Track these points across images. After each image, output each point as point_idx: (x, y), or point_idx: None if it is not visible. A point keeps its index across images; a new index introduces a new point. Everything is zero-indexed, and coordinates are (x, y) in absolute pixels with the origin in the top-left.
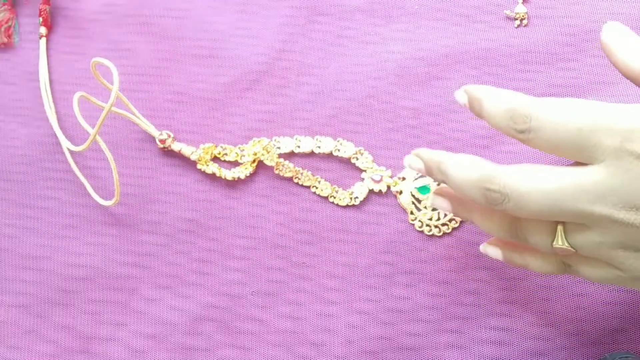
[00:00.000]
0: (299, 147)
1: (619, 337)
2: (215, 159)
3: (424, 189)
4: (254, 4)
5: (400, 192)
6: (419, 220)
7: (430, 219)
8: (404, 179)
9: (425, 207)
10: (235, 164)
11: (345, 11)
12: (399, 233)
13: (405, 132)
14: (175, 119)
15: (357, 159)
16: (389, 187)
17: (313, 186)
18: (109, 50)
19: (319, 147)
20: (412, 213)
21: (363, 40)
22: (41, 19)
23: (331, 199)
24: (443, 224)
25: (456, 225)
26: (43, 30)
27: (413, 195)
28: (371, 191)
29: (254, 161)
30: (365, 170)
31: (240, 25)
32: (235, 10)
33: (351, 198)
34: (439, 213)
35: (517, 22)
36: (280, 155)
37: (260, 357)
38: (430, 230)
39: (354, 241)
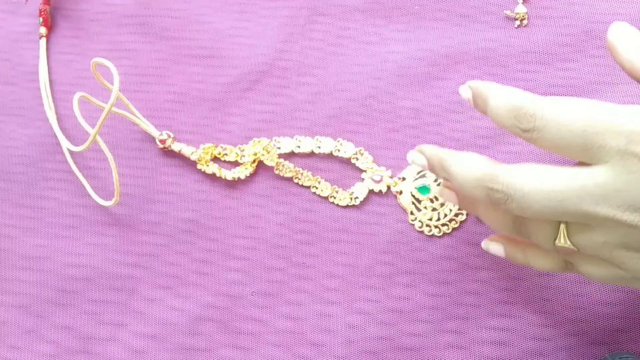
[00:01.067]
0: (299, 147)
1: (619, 337)
2: (215, 159)
3: (424, 189)
4: (253, 4)
5: (400, 192)
6: (419, 221)
7: (430, 219)
8: (404, 179)
9: (425, 207)
10: (235, 164)
11: (345, 11)
12: (399, 233)
13: (405, 132)
14: (175, 119)
15: (357, 159)
16: (389, 187)
17: (313, 186)
18: (109, 51)
19: (319, 147)
20: (412, 213)
21: (363, 40)
22: (41, 19)
23: (331, 199)
24: (443, 224)
25: (456, 225)
26: (43, 30)
27: (413, 196)
28: (371, 191)
29: (254, 161)
30: (365, 171)
31: (240, 25)
32: (235, 11)
33: (351, 198)
34: (438, 213)
35: (517, 22)
36: (280, 156)
37: (260, 357)
38: (430, 230)
39: (354, 241)
